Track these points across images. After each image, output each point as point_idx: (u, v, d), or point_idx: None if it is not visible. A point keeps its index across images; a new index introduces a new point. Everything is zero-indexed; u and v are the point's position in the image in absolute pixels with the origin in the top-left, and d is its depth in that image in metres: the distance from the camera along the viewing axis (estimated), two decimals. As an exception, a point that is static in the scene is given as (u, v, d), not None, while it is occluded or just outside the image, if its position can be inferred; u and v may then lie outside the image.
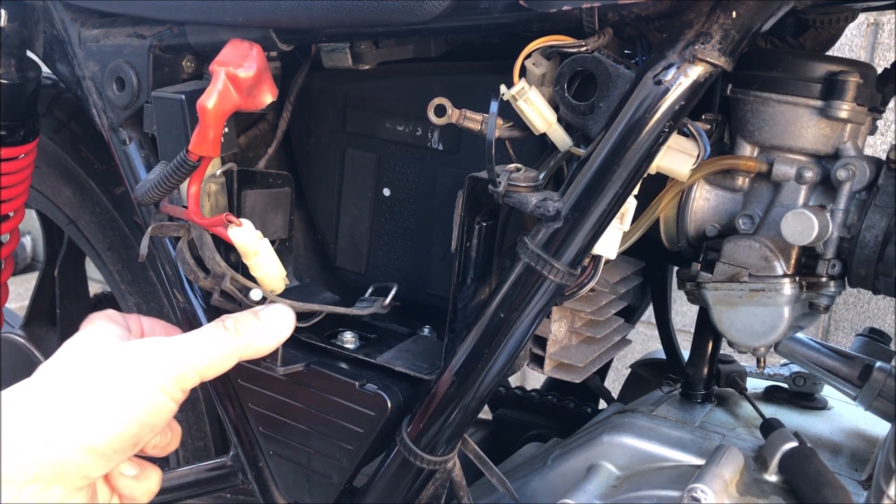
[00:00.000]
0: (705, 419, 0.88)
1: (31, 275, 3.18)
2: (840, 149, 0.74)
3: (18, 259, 3.31)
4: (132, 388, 0.63)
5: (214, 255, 0.79)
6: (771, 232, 0.75)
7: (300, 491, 0.87)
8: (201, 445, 1.16)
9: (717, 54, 0.63)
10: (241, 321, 0.70)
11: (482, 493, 0.94)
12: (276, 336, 0.72)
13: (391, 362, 0.81)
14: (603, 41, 0.68)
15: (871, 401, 0.79)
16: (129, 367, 0.64)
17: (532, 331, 0.72)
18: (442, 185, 0.88)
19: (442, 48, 0.85)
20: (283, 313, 0.73)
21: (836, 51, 0.86)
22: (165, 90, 0.81)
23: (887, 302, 1.89)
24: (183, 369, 0.65)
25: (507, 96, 0.69)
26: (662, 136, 0.64)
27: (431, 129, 0.88)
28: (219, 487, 0.96)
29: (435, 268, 0.91)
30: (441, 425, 0.75)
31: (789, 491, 0.75)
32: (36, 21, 0.97)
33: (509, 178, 0.68)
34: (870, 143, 1.23)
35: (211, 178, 0.82)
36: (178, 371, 0.65)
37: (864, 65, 0.74)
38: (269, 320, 0.72)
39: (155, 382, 0.64)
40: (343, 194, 0.95)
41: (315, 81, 0.93)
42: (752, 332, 0.77)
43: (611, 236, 0.70)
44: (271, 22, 0.76)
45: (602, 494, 0.80)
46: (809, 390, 0.96)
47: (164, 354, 0.65)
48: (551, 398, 1.12)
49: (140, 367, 0.64)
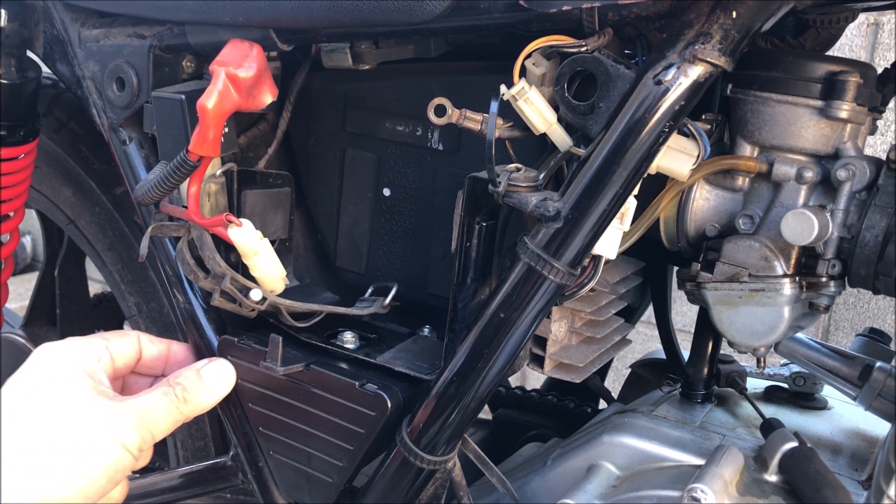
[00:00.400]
0: (705, 419, 0.88)
1: (31, 275, 3.18)
2: (840, 149, 0.74)
3: (18, 259, 3.31)
4: (98, 447, 0.69)
5: (214, 255, 0.79)
6: (771, 232, 0.75)
7: (300, 491, 0.87)
8: (201, 445, 1.16)
9: (717, 54, 0.63)
10: (187, 389, 0.76)
11: (482, 493, 0.94)
12: (218, 395, 0.79)
13: (391, 362, 0.81)
14: (603, 41, 0.68)
15: (871, 401, 0.79)
16: (96, 426, 0.69)
17: (532, 331, 0.72)
18: (442, 185, 0.88)
19: (442, 48, 0.85)
20: (225, 371, 0.80)
21: (836, 51, 0.86)
22: (165, 90, 0.81)
23: (887, 302, 1.89)
24: (141, 433, 0.71)
25: (507, 96, 0.69)
26: (662, 136, 0.64)
27: (431, 129, 0.88)
28: (219, 487, 0.96)
29: (435, 268, 0.91)
30: (441, 425, 0.75)
31: (789, 491, 0.75)
32: (36, 21, 0.97)
33: (509, 178, 0.68)
34: (870, 143, 1.23)
35: (211, 178, 0.82)
36: (139, 434, 0.71)
37: (864, 65, 0.74)
38: (211, 381, 0.78)
39: (119, 442, 0.70)
40: (343, 194, 0.95)
41: (315, 81, 0.93)
42: (752, 332, 0.77)
43: (611, 236, 0.70)
44: (271, 22, 0.76)
45: (602, 494, 0.80)
46: (809, 390, 0.96)
47: (129, 418, 0.71)
48: (551, 398, 1.12)
49: (106, 428, 0.69)
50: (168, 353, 0.83)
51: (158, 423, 0.73)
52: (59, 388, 0.70)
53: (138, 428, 0.71)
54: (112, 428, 0.70)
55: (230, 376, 0.80)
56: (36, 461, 0.66)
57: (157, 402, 0.73)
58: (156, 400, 0.73)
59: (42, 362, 0.72)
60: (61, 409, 0.69)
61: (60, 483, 0.66)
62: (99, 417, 0.70)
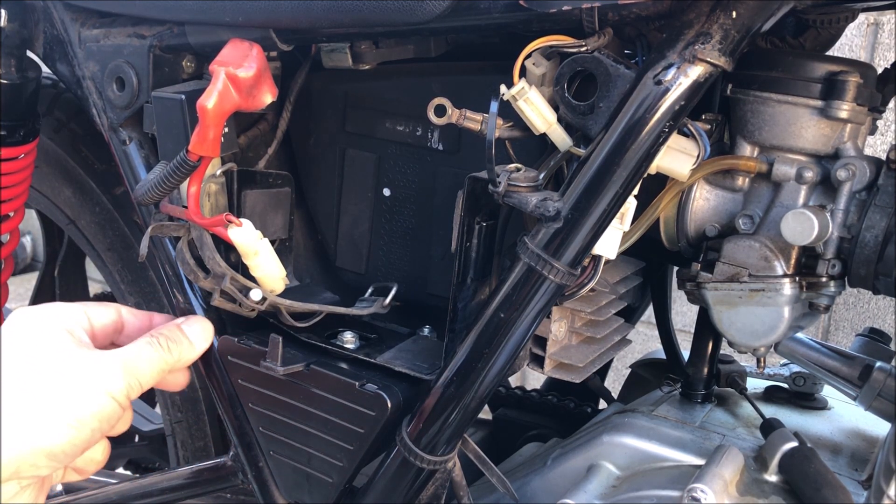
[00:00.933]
0: (705, 419, 0.88)
1: (31, 275, 3.18)
2: (840, 149, 0.74)
3: (18, 259, 3.32)
4: (86, 395, 0.68)
5: (214, 255, 0.79)
6: (771, 232, 0.75)
7: (300, 491, 0.87)
8: (201, 445, 1.16)
9: (717, 54, 0.63)
10: (171, 338, 0.76)
11: (482, 493, 0.94)
12: (199, 348, 0.79)
13: (391, 362, 0.81)
14: (603, 41, 0.68)
15: (871, 401, 0.79)
16: (83, 375, 0.69)
17: (532, 331, 0.72)
18: (442, 185, 0.88)
19: (442, 48, 0.85)
20: (204, 326, 0.80)
21: (836, 51, 0.86)
22: (165, 90, 0.81)
23: (887, 302, 1.89)
24: (128, 381, 0.71)
25: (507, 96, 0.69)
26: (662, 136, 0.64)
27: (431, 129, 0.88)
28: (219, 487, 0.96)
29: (435, 268, 0.91)
30: (441, 425, 0.75)
31: (789, 491, 0.75)
32: (36, 21, 0.97)
33: (509, 178, 0.68)
34: (870, 143, 1.23)
35: (211, 178, 0.82)
36: (126, 381, 0.71)
37: (864, 65, 0.74)
38: (193, 334, 0.78)
39: (106, 391, 0.69)
40: (343, 194, 0.95)
41: (315, 81, 0.93)
42: (752, 332, 0.77)
43: (611, 236, 0.70)
44: (271, 22, 0.76)
45: (602, 494, 0.80)
46: (809, 390, 0.96)
47: (114, 366, 0.71)
48: (551, 398, 1.12)
49: (93, 376, 0.69)
50: (150, 325, 0.82)
51: (144, 370, 0.72)
52: (41, 342, 0.70)
53: (125, 376, 0.70)
54: (98, 376, 0.69)
55: (209, 331, 0.80)
56: (21, 410, 0.66)
57: (141, 351, 0.73)
58: (140, 349, 0.73)
59: (20, 321, 0.71)
60: (45, 360, 0.69)
61: (47, 431, 0.66)
62: (84, 367, 0.69)
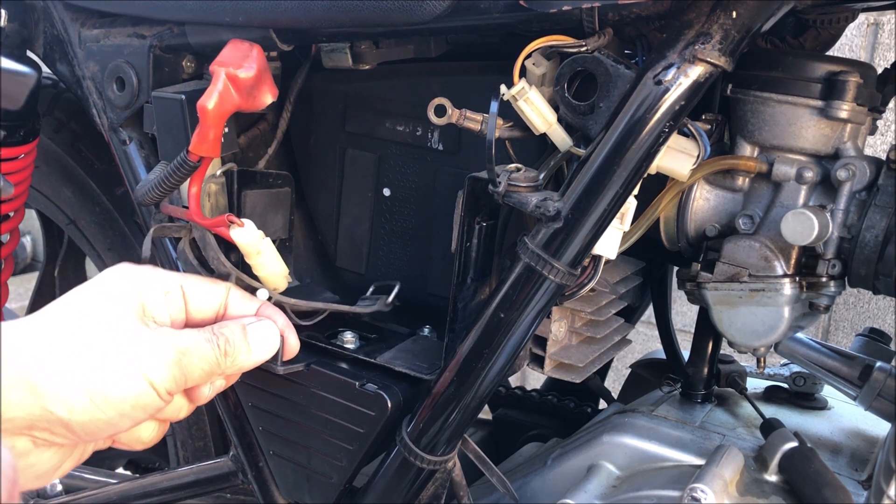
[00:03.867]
0: (705, 419, 0.88)
1: (31, 275, 3.18)
2: (840, 149, 0.74)
3: (18, 259, 3.31)
4: (120, 375, 0.63)
5: (219, 255, 0.78)
6: (771, 232, 0.75)
7: (300, 491, 0.87)
8: (201, 445, 1.16)
9: (717, 54, 0.63)
10: (231, 342, 0.69)
11: (482, 493, 0.94)
12: (259, 358, 0.72)
13: (391, 362, 0.81)
14: (603, 41, 0.68)
15: (871, 401, 0.79)
16: (125, 354, 0.63)
17: (532, 331, 0.72)
18: (442, 185, 0.88)
19: (442, 48, 0.85)
20: (271, 334, 0.73)
21: (836, 51, 0.86)
22: (165, 90, 0.81)
23: (887, 302, 1.89)
24: (174, 373, 0.65)
25: (507, 96, 0.69)
26: (662, 136, 0.64)
27: (431, 129, 0.88)
28: (219, 487, 0.96)
29: (435, 268, 0.91)
30: (441, 425, 0.75)
31: (789, 491, 0.75)
32: (36, 21, 0.97)
33: (509, 178, 0.68)
34: (870, 143, 1.23)
35: (211, 178, 0.82)
36: (171, 373, 0.65)
37: (864, 65, 0.74)
38: (256, 342, 0.71)
39: (145, 376, 0.63)
40: (343, 194, 0.95)
41: (315, 81, 0.93)
42: (752, 332, 0.77)
43: (611, 236, 0.70)
44: (271, 22, 0.76)
45: (602, 494, 0.80)
46: (809, 390, 0.96)
47: (164, 354, 0.65)
48: (551, 398, 1.12)
49: (135, 358, 0.63)
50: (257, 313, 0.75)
51: (194, 367, 0.66)
52: (105, 306, 0.65)
53: (172, 367, 0.64)
54: (140, 360, 0.63)
55: (275, 341, 0.73)
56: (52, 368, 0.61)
57: (198, 345, 0.66)
58: (197, 342, 0.66)
59: (106, 277, 0.67)
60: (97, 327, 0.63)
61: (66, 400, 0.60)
62: (130, 346, 0.63)
